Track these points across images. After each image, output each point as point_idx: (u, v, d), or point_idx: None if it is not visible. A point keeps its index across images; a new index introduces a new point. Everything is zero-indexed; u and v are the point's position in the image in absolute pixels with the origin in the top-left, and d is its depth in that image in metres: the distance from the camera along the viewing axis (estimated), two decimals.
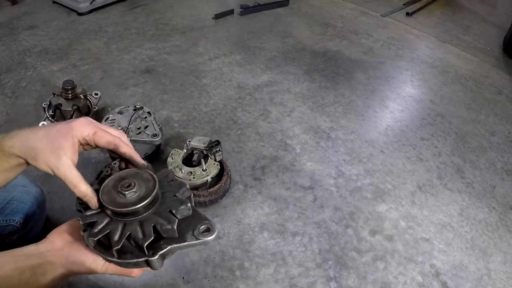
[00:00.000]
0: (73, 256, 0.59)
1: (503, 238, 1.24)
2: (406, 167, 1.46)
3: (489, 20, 2.82)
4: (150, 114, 1.34)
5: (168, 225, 0.56)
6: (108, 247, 0.57)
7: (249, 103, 1.72)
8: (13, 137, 0.57)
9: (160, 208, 0.59)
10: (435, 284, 1.08)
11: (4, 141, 0.57)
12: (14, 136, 0.57)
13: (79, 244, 0.60)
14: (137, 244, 0.56)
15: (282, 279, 1.06)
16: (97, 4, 2.42)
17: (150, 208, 0.58)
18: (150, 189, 0.58)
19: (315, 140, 1.55)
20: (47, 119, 1.34)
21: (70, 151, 0.56)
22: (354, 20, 2.59)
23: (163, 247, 0.56)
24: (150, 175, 0.61)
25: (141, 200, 0.56)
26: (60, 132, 0.57)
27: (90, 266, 0.59)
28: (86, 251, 0.59)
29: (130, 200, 0.57)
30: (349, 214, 1.26)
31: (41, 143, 0.56)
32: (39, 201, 0.98)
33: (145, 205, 0.56)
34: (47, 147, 0.55)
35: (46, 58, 1.95)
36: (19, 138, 0.57)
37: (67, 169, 0.56)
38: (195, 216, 0.60)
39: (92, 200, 0.57)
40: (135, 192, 0.58)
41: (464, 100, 1.88)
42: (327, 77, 1.95)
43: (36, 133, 0.57)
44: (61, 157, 0.55)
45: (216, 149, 1.19)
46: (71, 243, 0.60)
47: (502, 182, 1.45)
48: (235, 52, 2.09)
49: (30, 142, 0.56)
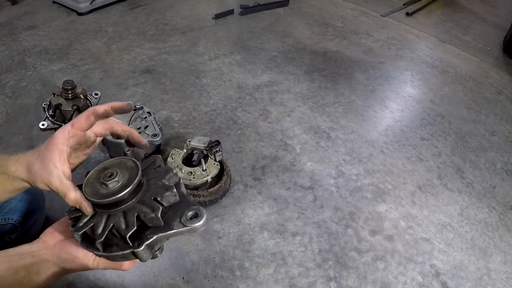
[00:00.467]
0: (65, 253, 0.59)
1: (503, 238, 1.24)
2: (406, 167, 1.46)
3: (489, 20, 2.82)
4: (150, 114, 1.34)
5: (152, 213, 0.53)
6: (94, 241, 0.54)
7: (249, 103, 1.72)
8: (17, 161, 0.59)
9: (145, 196, 0.56)
10: (435, 284, 1.08)
11: (9, 165, 0.59)
12: (18, 160, 0.59)
13: (70, 241, 0.59)
14: (121, 235, 0.53)
15: (282, 279, 1.06)
16: (97, 4, 2.42)
17: (134, 197, 0.55)
18: (133, 176, 0.55)
19: (315, 140, 1.55)
20: (47, 119, 1.34)
21: (59, 161, 0.56)
22: (354, 20, 2.59)
23: (149, 237, 0.53)
24: (134, 162, 0.57)
25: (122, 189, 0.53)
26: (46, 147, 0.57)
27: (81, 261, 0.58)
28: (77, 247, 0.58)
29: (112, 190, 0.54)
30: (349, 214, 1.26)
31: (36, 163, 0.57)
32: (38, 200, 0.98)
33: (127, 194, 0.53)
34: (40, 165, 0.56)
35: (46, 58, 1.95)
36: (22, 162, 0.58)
37: (57, 180, 0.56)
38: (183, 203, 0.56)
39: (83, 206, 0.55)
40: (117, 181, 0.55)
41: (464, 100, 1.88)
42: (327, 77, 1.95)
43: (34, 154, 0.58)
44: (51, 170, 0.56)
45: (216, 149, 1.19)
46: (63, 241, 0.60)
47: (502, 182, 1.45)
48: (235, 52, 2.09)
49: (30, 165, 0.57)
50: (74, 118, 0.59)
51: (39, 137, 1.47)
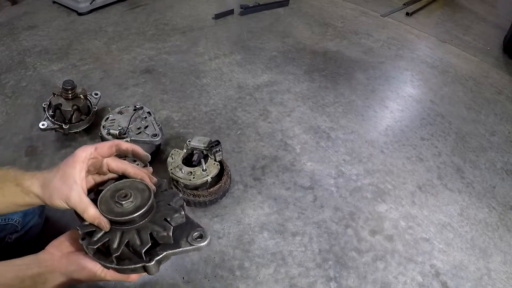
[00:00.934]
0: (74, 264, 0.61)
1: (503, 238, 1.24)
2: (406, 167, 1.46)
3: (489, 20, 2.82)
4: (150, 114, 1.34)
5: (163, 232, 0.59)
6: (106, 254, 0.60)
7: (249, 103, 1.72)
8: (33, 177, 0.61)
9: (156, 216, 0.62)
10: (435, 284, 1.08)
11: (25, 179, 0.61)
12: (35, 176, 0.61)
13: (78, 253, 0.62)
14: (135, 250, 0.58)
15: (282, 279, 1.06)
16: (97, 4, 2.42)
17: (146, 216, 0.61)
18: (146, 198, 0.61)
19: (315, 140, 1.55)
20: (47, 119, 1.34)
21: (79, 177, 0.59)
22: (354, 20, 2.59)
23: (159, 253, 0.60)
24: (145, 185, 0.64)
25: (137, 209, 0.60)
26: (66, 163, 0.60)
27: (90, 271, 0.61)
28: (86, 259, 0.61)
29: (127, 209, 0.60)
30: (349, 214, 1.26)
31: (54, 180, 0.59)
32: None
33: (142, 213, 0.60)
34: (60, 181, 0.59)
35: (46, 58, 1.95)
36: (39, 178, 0.61)
37: (77, 196, 0.58)
38: (188, 223, 0.64)
39: (103, 222, 0.58)
40: (131, 201, 0.61)
41: (464, 100, 1.88)
42: (327, 77, 1.95)
43: (51, 172, 0.61)
44: (71, 185, 0.58)
45: (216, 149, 1.19)
46: (71, 253, 0.63)
47: (502, 182, 1.45)
48: (235, 52, 2.09)
49: (47, 181, 0.60)
50: (98, 143, 0.65)
51: (39, 137, 1.47)
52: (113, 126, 1.26)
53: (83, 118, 1.40)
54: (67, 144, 1.45)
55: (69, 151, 1.41)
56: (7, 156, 1.39)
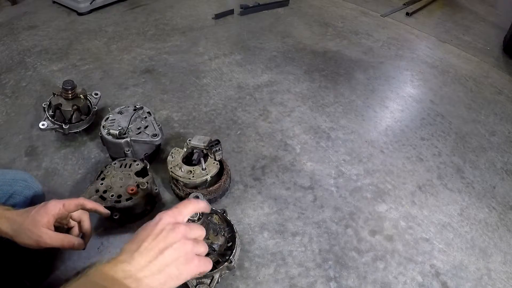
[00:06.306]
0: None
1: (503, 238, 1.24)
2: (406, 167, 1.46)
3: (489, 20, 2.82)
4: (150, 114, 1.34)
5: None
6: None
7: (249, 103, 1.72)
8: (1, 217, 0.71)
9: None
10: (435, 284, 1.08)
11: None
12: (3, 215, 0.71)
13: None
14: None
15: (282, 279, 1.06)
16: (97, 4, 2.42)
17: None
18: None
19: (315, 140, 1.55)
20: (47, 119, 1.34)
21: (47, 226, 0.72)
22: (354, 20, 2.59)
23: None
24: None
25: None
26: (38, 212, 0.72)
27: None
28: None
29: None
30: (349, 214, 1.26)
31: (25, 223, 0.70)
32: (39, 198, 0.99)
33: None
34: (30, 225, 0.70)
35: (46, 58, 1.95)
36: (9, 219, 0.71)
37: (48, 238, 0.71)
38: None
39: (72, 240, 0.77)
40: None
41: (464, 100, 1.88)
42: (327, 77, 1.95)
43: (21, 216, 0.71)
44: (42, 231, 0.71)
45: (216, 148, 1.19)
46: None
47: (502, 182, 1.45)
48: (235, 52, 2.09)
49: (17, 224, 0.70)
50: (66, 200, 0.77)
51: (39, 137, 1.47)
52: (113, 126, 1.26)
53: (83, 118, 1.40)
54: (67, 144, 1.45)
55: (69, 151, 1.42)
56: (7, 156, 1.39)
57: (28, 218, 0.71)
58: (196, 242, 0.56)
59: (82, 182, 1.30)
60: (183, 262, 0.53)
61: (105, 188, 1.09)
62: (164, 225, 0.54)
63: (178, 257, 0.52)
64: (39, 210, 0.72)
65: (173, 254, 0.52)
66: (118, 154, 1.28)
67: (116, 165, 1.17)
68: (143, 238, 0.52)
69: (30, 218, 0.71)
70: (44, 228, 0.71)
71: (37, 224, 0.70)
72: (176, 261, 0.52)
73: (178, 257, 0.52)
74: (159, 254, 0.51)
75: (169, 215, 0.55)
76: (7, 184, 0.88)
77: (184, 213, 0.58)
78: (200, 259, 0.56)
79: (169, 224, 0.54)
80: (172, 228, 0.53)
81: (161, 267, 0.51)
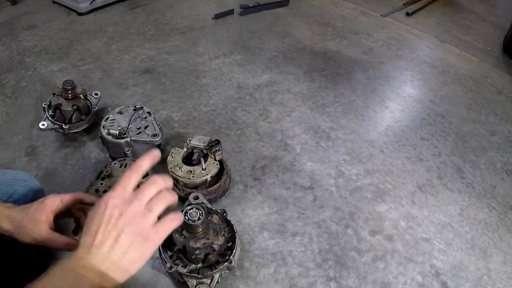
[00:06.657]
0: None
1: (503, 238, 1.24)
2: (406, 167, 1.46)
3: (489, 20, 2.82)
4: (150, 114, 1.34)
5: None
6: None
7: (249, 103, 1.72)
8: (2, 216, 0.71)
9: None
10: (435, 284, 1.08)
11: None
12: (2, 213, 0.71)
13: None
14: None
15: (282, 279, 1.06)
16: (97, 4, 2.42)
17: None
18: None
19: (315, 140, 1.55)
20: (47, 119, 1.34)
21: (46, 222, 0.70)
22: (354, 20, 2.59)
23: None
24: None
25: None
26: (36, 209, 0.71)
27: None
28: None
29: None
30: (349, 214, 1.26)
31: (25, 220, 0.69)
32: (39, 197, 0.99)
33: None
34: (30, 223, 0.69)
35: (46, 58, 1.95)
36: (8, 217, 0.70)
37: (47, 234, 0.70)
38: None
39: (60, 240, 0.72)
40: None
41: (464, 100, 1.88)
42: (327, 77, 1.95)
43: (20, 213, 0.71)
44: (41, 228, 0.70)
45: (216, 148, 1.19)
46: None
47: (502, 182, 1.45)
48: (235, 52, 2.09)
49: (16, 221, 0.70)
50: (64, 195, 0.75)
51: (39, 137, 1.47)
52: (113, 126, 1.26)
53: (83, 118, 1.40)
54: (67, 144, 1.45)
55: (69, 151, 1.42)
56: (7, 156, 1.39)
57: (27, 216, 0.70)
58: (148, 210, 0.53)
59: (82, 182, 1.30)
60: (141, 242, 0.51)
61: (105, 188, 1.09)
62: (111, 210, 0.51)
63: (133, 239, 0.51)
64: (37, 207, 0.71)
65: (128, 238, 0.50)
66: (118, 154, 1.28)
67: (116, 165, 1.17)
68: (95, 229, 0.50)
69: (29, 215, 0.70)
70: (44, 225, 0.70)
71: (36, 221, 0.69)
72: (133, 243, 0.51)
73: (134, 240, 0.51)
74: (114, 243, 0.50)
75: (113, 197, 0.53)
76: (7, 184, 0.88)
77: (128, 188, 0.55)
78: (157, 229, 0.53)
79: (115, 207, 0.52)
80: (120, 211, 0.51)
81: (120, 255, 0.50)
